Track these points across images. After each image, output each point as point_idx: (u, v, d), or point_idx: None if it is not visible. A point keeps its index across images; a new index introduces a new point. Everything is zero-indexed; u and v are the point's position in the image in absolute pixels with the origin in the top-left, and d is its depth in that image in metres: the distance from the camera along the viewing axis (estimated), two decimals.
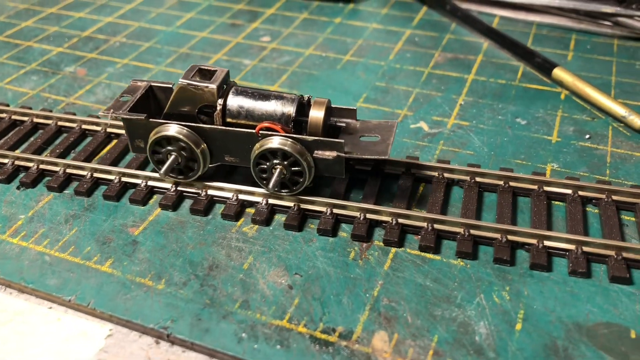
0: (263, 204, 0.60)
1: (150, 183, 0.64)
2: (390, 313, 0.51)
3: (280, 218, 0.61)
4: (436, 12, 1.05)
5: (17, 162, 0.68)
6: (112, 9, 1.09)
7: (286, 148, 0.57)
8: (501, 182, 0.63)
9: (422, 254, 0.57)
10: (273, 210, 0.61)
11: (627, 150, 0.71)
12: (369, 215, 0.59)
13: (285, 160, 0.58)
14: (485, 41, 0.93)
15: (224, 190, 0.62)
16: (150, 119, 0.60)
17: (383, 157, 0.58)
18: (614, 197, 0.61)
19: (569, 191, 0.62)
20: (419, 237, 0.58)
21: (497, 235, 0.57)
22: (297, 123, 0.59)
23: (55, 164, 0.67)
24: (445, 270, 0.55)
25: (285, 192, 0.60)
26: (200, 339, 0.50)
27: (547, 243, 0.56)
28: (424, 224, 0.58)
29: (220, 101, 0.59)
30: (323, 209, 0.60)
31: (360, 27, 1.01)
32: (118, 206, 0.63)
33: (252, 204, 0.62)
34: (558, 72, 0.81)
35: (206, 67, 0.61)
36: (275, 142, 0.57)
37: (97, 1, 1.13)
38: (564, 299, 0.53)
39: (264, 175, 0.60)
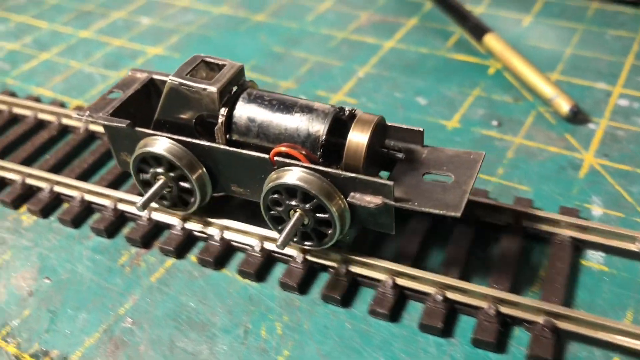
0: (47, 191, 0.51)
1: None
2: (125, 338, 0.41)
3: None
4: None
5: None
6: None
7: (306, 186, 0.39)
8: None
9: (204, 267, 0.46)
10: (59, 198, 0.52)
11: (540, 144, 0.55)
12: (153, 216, 0.48)
13: (307, 203, 0.41)
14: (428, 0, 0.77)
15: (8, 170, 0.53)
16: (137, 128, 0.45)
17: (453, 214, 0.38)
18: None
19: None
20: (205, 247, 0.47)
21: (294, 253, 0.45)
22: (329, 148, 0.42)
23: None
24: (222, 287, 0.44)
25: (308, 245, 0.43)
26: None
27: (352, 269, 0.43)
28: (215, 232, 0.47)
29: (223, 111, 0.42)
30: (107, 202, 0.50)
31: None
32: None
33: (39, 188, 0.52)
34: (489, 40, 0.65)
35: (214, 60, 0.45)
36: (293, 175, 0.40)
37: None
38: (351, 340, 0.40)
39: (275, 218, 0.43)
